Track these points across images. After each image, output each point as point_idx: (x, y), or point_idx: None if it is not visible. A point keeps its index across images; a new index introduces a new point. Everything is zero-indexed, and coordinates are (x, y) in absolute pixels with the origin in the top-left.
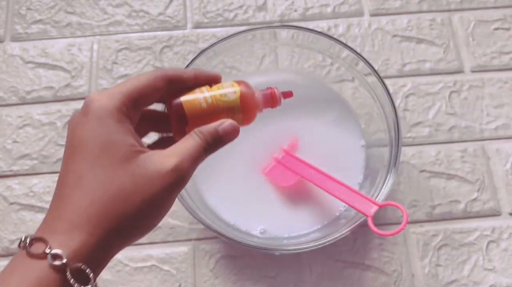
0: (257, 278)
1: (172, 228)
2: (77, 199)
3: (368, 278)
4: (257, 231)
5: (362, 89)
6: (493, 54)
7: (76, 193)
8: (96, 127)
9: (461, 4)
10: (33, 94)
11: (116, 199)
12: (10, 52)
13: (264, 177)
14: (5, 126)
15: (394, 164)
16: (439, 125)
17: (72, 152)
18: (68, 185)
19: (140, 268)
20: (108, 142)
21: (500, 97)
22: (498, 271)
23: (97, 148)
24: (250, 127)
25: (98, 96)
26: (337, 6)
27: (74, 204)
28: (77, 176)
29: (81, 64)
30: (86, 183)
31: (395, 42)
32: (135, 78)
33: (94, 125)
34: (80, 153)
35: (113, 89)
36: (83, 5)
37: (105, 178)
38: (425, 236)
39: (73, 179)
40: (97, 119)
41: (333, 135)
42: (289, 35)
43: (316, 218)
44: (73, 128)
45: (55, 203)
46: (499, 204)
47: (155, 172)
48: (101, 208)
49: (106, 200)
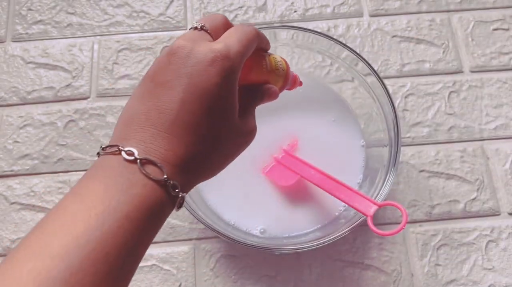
0: (257, 277)
1: (172, 228)
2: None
3: (367, 277)
4: (257, 230)
5: (362, 90)
6: (492, 55)
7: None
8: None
9: (460, 5)
10: (34, 94)
11: (180, 103)
12: (11, 53)
13: (264, 176)
14: (6, 126)
15: (393, 163)
16: (439, 125)
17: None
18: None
19: (140, 267)
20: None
21: (499, 98)
22: (497, 271)
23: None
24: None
25: (230, 56)
26: (337, 7)
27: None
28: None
29: (81, 64)
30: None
31: (395, 43)
32: (248, 35)
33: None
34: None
35: (236, 49)
36: (83, 5)
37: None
38: (425, 236)
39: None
40: (223, 79)
41: (333, 135)
42: (289, 35)
43: (315, 217)
44: (184, 58)
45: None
46: (498, 203)
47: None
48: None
49: (174, 107)
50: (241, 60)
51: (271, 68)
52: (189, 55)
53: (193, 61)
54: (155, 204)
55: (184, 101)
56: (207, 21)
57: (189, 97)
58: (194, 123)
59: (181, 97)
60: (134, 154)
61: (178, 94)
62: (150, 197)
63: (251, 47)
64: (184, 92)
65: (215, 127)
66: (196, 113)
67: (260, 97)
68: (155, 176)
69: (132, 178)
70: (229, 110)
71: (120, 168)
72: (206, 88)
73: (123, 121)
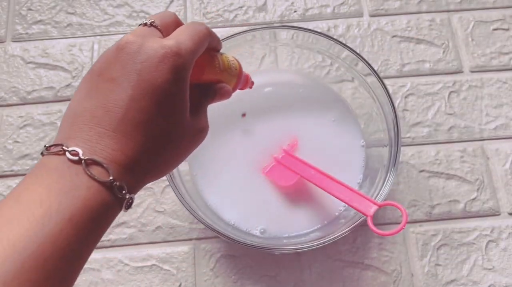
0: (257, 277)
1: (172, 228)
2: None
3: (367, 277)
4: (257, 230)
5: (362, 90)
6: (492, 55)
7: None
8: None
9: (460, 5)
10: (34, 94)
11: (125, 102)
12: (11, 53)
13: (264, 176)
14: (6, 126)
15: (393, 163)
16: (439, 125)
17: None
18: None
19: (140, 267)
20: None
21: (499, 98)
22: (497, 271)
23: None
24: (250, 127)
25: (182, 53)
26: (337, 7)
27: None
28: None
29: (81, 64)
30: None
31: (395, 43)
32: (203, 28)
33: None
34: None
35: (188, 47)
36: (83, 5)
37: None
38: (425, 236)
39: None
40: (174, 76)
41: (333, 135)
42: (289, 35)
43: (316, 217)
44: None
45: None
46: (498, 203)
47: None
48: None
49: (122, 105)
50: (192, 58)
51: (224, 67)
52: (139, 51)
53: (143, 57)
54: (100, 206)
55: (133, 98)
56: (157, 18)
57: (138, 94)
58: (143, 121)
59: (129, 95)
60: (79, 154)
61: (127, 91)
62: (94, 199)
63: (202, 45)
64: (133, 89)
65: (165, 125)
66: (146, 110)
67: (212, 96)
68: (101, 177)
69: (76, 179)
70: (180, 108)
71: (64, 169)
72: (157, 85)
73: (68, 119)
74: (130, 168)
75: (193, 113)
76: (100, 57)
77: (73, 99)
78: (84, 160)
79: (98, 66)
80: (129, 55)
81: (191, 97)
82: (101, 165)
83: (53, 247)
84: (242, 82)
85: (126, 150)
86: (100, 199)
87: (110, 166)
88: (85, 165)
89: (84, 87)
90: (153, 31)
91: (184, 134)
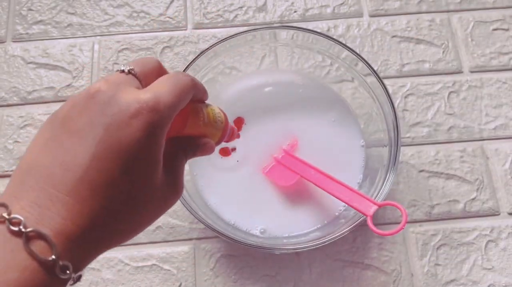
0: (257, 277)
1: (172, 228)
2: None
3: (367, 277)
4: (257, 230)
5: (362, 90)
6: (492, 55)
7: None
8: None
9: (460, 5)
10: (34, 94)
11: (95, 159)
12: (11, 53)
13: (264, 176)
14: (6, 127)
15: (393, 163)
16: (438, 126)
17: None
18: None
19: (140, 267)
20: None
21: (499, 98)
22: (497, 271)
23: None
24: (250, 127)
25: (159, 108)
26: (337, 7)
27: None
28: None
29: (82, 64)
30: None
31: (394, 43)
32: (183, 84)
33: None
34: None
35: (167, 101)
36: (84, 5)
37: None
38: (424, 236)
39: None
40: (147, 135)
41: (333, 135)
42: (289, 35)
43: (315, 217)
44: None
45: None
46: (498, 203)
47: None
48: (77, 173)
49: (83, 163)
50: (171, 114)
51: (209, 121)
52: (110, 102)
53: (113, 110)
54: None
55: (95, 157)
56: (137, 64)
57: (102, 153)
58: (104, 184)
59: (92, 152)
60: (21, 223)
61: (90, 148)
62: (30, 284)
63: (184, 99)
64: (96, 146)
65: (130, 189)
66: (109, 172)
67: (192, 152)
68: (42, 254)
69: (10, 257)
70: (150, 170)
71: (1, 242)
72: (125, 143)
73: (19, 173)
74: (81, 240)
75: (168, 171)
76: (67, 101)
77: (29, 148)
78: (25, 232)
79: (63, 112)
80: (98, 106)
81: (167, 152)
82: (46, 239)
83: None
84: (227, 136)
85: (79, 219)
86: (37, 282)
87: (57, 239)
88: (26, 239)
89: (43, 136)
90: (130, 79)
91: (153, 198)
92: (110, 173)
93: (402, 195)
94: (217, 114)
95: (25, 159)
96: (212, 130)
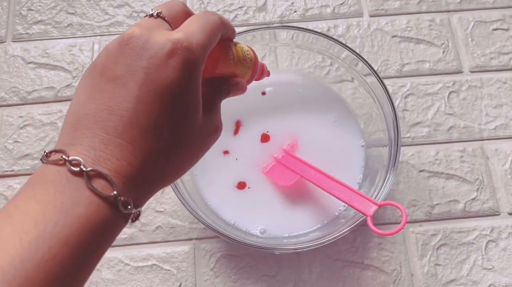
0: (257, 277)
1: (172, 228)
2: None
3: (367, 277)
4: (257, 230)
5: (362, 90)
6: (492, 55)
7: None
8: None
9: (460, 5)
10: (34, 94)
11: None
12: (11, 53)
13: (264, 176)
14: (6, 127)
15: (393, 163)
16: (438, 126)
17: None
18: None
19: (140, 267)
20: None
21: (499, 98)
22: (497, 271)
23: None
24: (250, 127)
25: (193, 47)
26: (337, 7)
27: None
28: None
29: (82, 64)
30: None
31: (394, 43)
32: (212, 23)
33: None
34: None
35: (199, 40)
36: (84, 5)
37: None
38: (424, 236)
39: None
40: (185, 74)
41: (333, 135)
42: (289, 35)
43: (315, 217)
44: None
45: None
46: (498, 203)
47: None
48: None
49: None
50: (204, 52)
51: (239, 59)
52: (145, 46)
53: (150, 53)
54: (101, 225)
55: (140, 100)
56: (165, 8)
57: (145, 96)
58: (152, 125)
59: (136, 96)
60: (81, 164)
61: (133, 92)
62: (95, 217)
63: (215, 37)
64: (139, 90)
65: (177, 128)
66: (155, 113)
67: (226, 92)
68: (104, 191)
69: (76, 195)
70: (192, 109)
71: (63, 182)
72: (165, 84)
73: (69, 123)
74: (136, 180)
75: (206, 112)
76: (102, 51)
77: (74, 101)
78: (86, 171)
79: (100, 62)
80: (133, 51)
81: (203, 94)
82: (105, 177)
83: (46, 273)
84: (258, 73)
85: (133, 160)
86: (102, 216)
87: (115, 178)
88: (87, 178)
89: (85, 87)
90: (160, 22)
91: (197, 137)
92: (155, 114)
93: (402, 195)
94: (246, 52)
95: (71, 111)
96: (242, 69)
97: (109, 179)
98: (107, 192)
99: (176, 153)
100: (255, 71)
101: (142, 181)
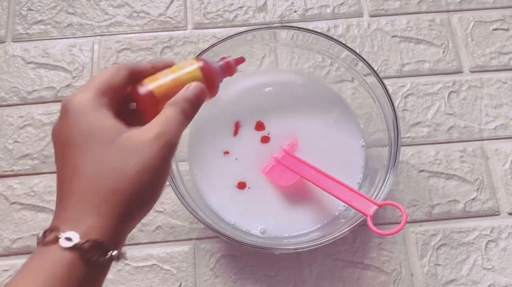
0: (257, 277)
1: (172, 228)
2: (77, 186)
3: (367, 277)
4: (257, 230)
5: (362, 90)
6: (492, 55)
7: (75, 181)
8: (78, 121)
9: (460, 5)
10: (34, 94)
11: (112, 175)
12: (11, 53)
13: (264, 176)
14: (6, 126)
15: (393, 163)
16: (438, 126)
17: (61, 150)
18: (66, 177)
19: (140, 267)
20: (92, 130)
21: (499, 98)
22: (497, 271)
23: (82, 137)
24: (250, 127)
25: (72, 96)
26: (337, 7)
27: (75, 191)
28: (71, 167)
29: (82, 64)
30: (81, 170)
31: (394, 43)
32: (102, 71)
33: (75, 120)
34: (69, 147)
35: (85, 85)
36: (84, 5)
37: (96, 161)
38: (424, 236)
39: (68, 170)
40: (77, 114)
41: (333, 135)
42: (289, 35)
43: (315, 217)
44: (57, 134)
45: (59, 197)
46: (498, 203)
47: (141, 142)
48: (100, 187)
49: (102, 180)
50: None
51: (178, 77)
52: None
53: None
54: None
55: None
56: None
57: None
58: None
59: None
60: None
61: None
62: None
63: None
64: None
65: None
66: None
67: (189, 110)
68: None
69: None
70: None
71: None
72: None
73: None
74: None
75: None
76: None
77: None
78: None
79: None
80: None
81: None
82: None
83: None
84: (219, 76)
85: (107, 229)
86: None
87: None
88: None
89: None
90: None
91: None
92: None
93: (402, 195)
94: (186, 67)
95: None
96: (187, 82)
97: (100, 242)
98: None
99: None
100: (212, 77)
101: (118, 233)
